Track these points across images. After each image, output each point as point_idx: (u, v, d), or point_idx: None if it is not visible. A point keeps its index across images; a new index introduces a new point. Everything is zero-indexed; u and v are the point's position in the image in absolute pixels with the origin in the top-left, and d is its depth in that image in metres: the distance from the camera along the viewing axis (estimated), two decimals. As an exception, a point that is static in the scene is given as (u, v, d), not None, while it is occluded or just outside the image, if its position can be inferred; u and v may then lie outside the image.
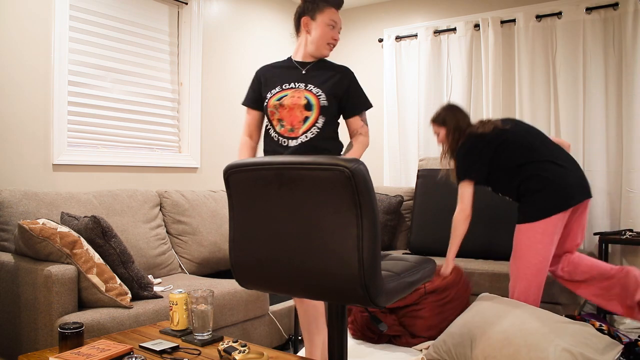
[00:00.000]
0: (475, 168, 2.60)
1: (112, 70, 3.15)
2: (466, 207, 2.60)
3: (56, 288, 1.98)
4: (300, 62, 2.22)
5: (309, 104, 2.12)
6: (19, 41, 2.67)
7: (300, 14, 2.21)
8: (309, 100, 2.12)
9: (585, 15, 3.60)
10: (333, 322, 1.66)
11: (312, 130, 2.12)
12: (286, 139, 2.12)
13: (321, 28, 2.16)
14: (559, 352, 2.05)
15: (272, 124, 2.17)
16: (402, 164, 4.39)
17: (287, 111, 2.12)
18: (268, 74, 2.23)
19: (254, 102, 2.26)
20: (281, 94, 2.14)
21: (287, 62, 2.26)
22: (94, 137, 3.07)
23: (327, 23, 2.16)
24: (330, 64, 2.24)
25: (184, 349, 1.67)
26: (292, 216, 1.48)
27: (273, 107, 2.14)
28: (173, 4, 3.53)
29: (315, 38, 2.17)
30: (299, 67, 2.21)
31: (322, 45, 2.18)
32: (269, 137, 2.19)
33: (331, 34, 2.18)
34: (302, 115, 2.12)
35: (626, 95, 3.47)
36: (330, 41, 2.19)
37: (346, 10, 4.77)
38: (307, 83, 2.15)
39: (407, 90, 4.37)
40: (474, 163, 2.61)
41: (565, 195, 2.46)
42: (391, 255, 1.88)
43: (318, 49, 2.19)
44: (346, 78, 2.20)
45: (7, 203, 2.38)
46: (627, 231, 3.28)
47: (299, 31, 2.23)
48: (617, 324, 3.34)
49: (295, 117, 2.12)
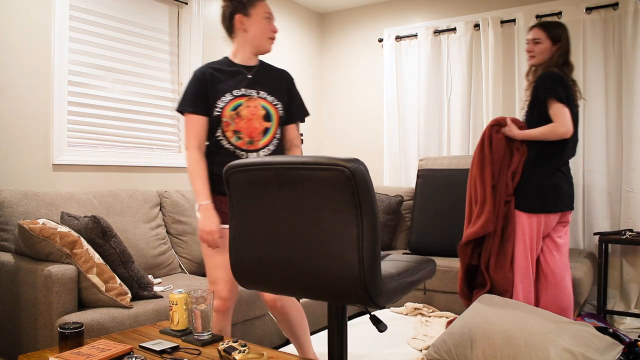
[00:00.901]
0: (562, 93, 2.47)
1: (112, 70, 3.15)
2: (567, 124, 2.45)
3: (56, 288, 1.97)
4: (243, 66, 2.08)
5: (268, 115, 2.04)
6: (19, 41, 2.67)
7: (231, 14, 2.06)
8: (267, 110, 2.04)
9: (585, 15, 3.60)
10: (333, 322, 1.66)
11: (273, 142, 2.06)
12: (244, 152, 2.01)
13: (258, 23, 2.04)
14: (560, 352, 2.04)
15: (224, 135, 2.00)
16: (402, 164, 4.39)
17: (244, 122, 2.00)
18: (212, 78, 2.03)
19: (201, 107, 2.01)
20: (235, 102, 2.00)
21: (228, 64, 2.08)
22: (94, 137, 3.07)
23: (264, 16, 2.04)
24: (273, 67, 2.17)
25: (184, 349, 1.67)
26: (292, 216, 1.48)
27: (229, 117, 1.99)
28: (173, 4, 3.53)
29: (255, 35, 2.04)
30: (244, 70, 2.07)
31: (263, 40, 2.06)
32: (219, 147, 2.02)
33: (270, 27, 2.07)
34: (261, 126, 2.02)
35: (626, 95, 3.47)
36: (271, 34, 2.07)
37: (346, 10, 4.77)
38: (258, 90, 2.05)
39: (407, 90, 4.37)
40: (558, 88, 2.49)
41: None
42: (391, 255, 1.88)
43: (260, 46, 2.07)
44: (289, 83, 2.15)
45: (7, 203, 2.38)
46: (627, 231, 3.28)
47: (233, 32, 2.08)
48: (617, 323, 3.34)
49: (254, 128, 2.01)
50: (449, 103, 4.18)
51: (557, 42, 2.60)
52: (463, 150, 4.09)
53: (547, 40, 2.61)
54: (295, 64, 4.60)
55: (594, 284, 3.38)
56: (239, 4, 2.04)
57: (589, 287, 3.16)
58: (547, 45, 2.61)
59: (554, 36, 2.60)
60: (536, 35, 2.64)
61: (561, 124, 2.46)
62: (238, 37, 2.07)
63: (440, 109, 4.23)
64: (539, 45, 2.62)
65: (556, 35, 2.61)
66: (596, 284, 3.37)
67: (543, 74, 2.55)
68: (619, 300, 3.48)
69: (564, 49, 2.60)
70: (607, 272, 3.39)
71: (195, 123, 2.01)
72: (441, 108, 4.23)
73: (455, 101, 4.15)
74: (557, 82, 2.49)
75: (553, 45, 2.60)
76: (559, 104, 2.46)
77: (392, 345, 2.81)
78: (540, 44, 2.62)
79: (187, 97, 2.03)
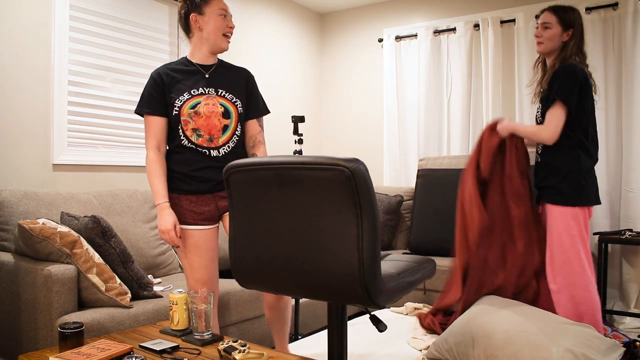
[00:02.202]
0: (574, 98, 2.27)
1: (112, 70, 3.15)
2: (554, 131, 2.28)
3: (56, 288, 1.98)
4: (201, 65, 2.09)
5: (227, 112, 2.05)
6: (19, 41, 2.67)
7: (186, 14, 2.05)
8: (226, 107, 2.05)
9: (585, 15, 3.60)
10: (333, 322, 1.66)
11: (233, 139, 2.08)
12: (206, 149, 2.03)
13: (213, 20, 2.03)
14: (562, 353, 2.05)
15: (184, 134, 2.02)
16: (402, 164, 4.39)
17: (203, 120, 2.01)
18: (169, 79, 2.04)
19: (159, 108, 2.03)
20: (193, 100, 2.02)
21: (186, 64, 2.09)
22: (94, 137, 3.06)
23: (218, 13, 2.03)
24: (231, 65, 2.18)
25: (184, 349, 1.67)
26: (291, 216, 1.48)
27: (187, 115, 2.00)
28: (173, 4, 3.53)
29: (210, 33, 2.04)
30: (201, 70, 2.08)
31: (218, 38, 2.05)
32: (180, 146, 2.05)
33: (225, 24, 2.05)
34: (220, 123, 2.04)
35: (626, 95, 3.47)
36: (226, 31, 2.06)
37: (346, 10, 4.77)
38: (217, 88, 2.06)
39: (407, 90, 4.37)
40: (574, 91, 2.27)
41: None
42: (391, 255, 1.88)
43: (215, 44, 2.06)
44: (248, 80, 2.16)
45: (7, 203, 2.38)
46: (627, 231, 3.28)
47: (190, 32, 2.08)
48: (616, 323, 3.35)
49: (213, 125, 2.03)
50: (449, 103, 4.18)
51: (568, 27, 2.36)
52: (463, 150, 4.09)
53: (557, 25, 2.36)
54: (295, 64, 4.60)
55: (594, 284, 3.37)
56: (192, 3, 2.04)
57: (589, 287, 3.16)
58: (557, 31, 2.36)
59: (566, 21, 2.35)
60: (546, 19, 2.40)
61: (551, 129, 2.31)
62: (195, 36, 2.08)
63: (440, 109, 4.23)
64: (548, 31, 2.38)
65: (568, 20, 2.36)
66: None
67: (562, 69, 2.33)
68: (619, 300, 3.48)
69: (578, 37, 2.36)
70: (606, 272, 3.39)
71: (153, 124, 2.04)
72: (441, 108, 4.23)
73: (455, 101, 4.15)
74: (576, 82, 2.29)
75: (564, 32, 2.36)
76: (562, 110, 2.29)
77: (392, 345, 2.81)
78: (550, 29, 2.37)
79: (144, 99, 2.05)
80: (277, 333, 2.23)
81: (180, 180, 2.05)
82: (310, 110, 4.73)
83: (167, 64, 2.11)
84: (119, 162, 3.14)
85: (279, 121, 4.11)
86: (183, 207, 2.05)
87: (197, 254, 2.06)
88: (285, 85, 4.48)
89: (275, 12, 4.38)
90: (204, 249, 2.07)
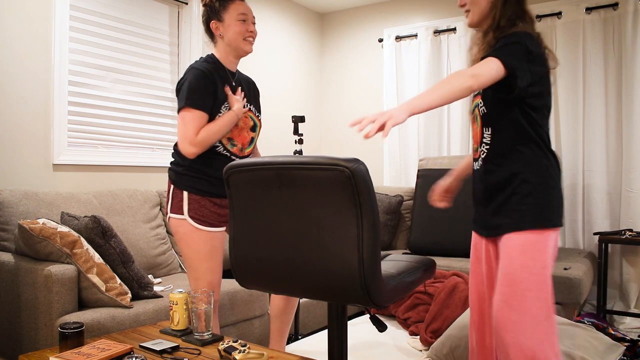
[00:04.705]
0: (524, 67, 1.47)
1: (112, 70, 3.15)
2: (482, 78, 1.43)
3: (56, 288, 1.98)
4: (229, 71, 2.12)
5: (255, 126, 2.15)
6: (19, 41, 2.67)
7: (207, 21, 2.06)
8: (254, 122, 2.15)
9: (585, 15, 3.60)
10: (333, 322, 1.66)
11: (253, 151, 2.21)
12: (237, 158, 2.07)
13: (232, 26, 2.02)
14: (559, 353, 2.04)
15: (221, 142, 2.03)
16: (402, 164, 4.39)
17: (238, 131, 2.07)
18: (216, 80, 2.03)
19: (209, 106, 1.98)
20: None
21: (220, 66, 2.07)
22: (94, 137, 3.07)
23: (237, 19, 2.03)
24: (244, 75, 2.23)
25: (184, 349, 1.68)
26: (292, 216, 1.48)
27: None
28: (173, 4, 3.53)
29: (231, 38, 2.04)
30: (230, 76, 2.10)
31: (239, 42, 2.05)
32: (214, 152, 2.02)
33: (245, 27, 2.04)
34: (249, 136, 2.12)
35: (626, 95, 3.47)
36: (247, 35, 2.06)
37: (346, 10, 4.77)
38: (248, 103, 2.15)
39: (407, 90, 4.37)
40: (521, 60, 1.48)
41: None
42: (391, 255, 1.88)
43: (238, 48, 2.06)
44: (257, 92, 2.26)
45: (7, 203, 2.39)
46: (627, 231, 3.28)
47: (214, 38, 2.09)
48: (617, 323, 3.35)
49: (244, 137, 2.10)
50: (449, 103, 4.18)
51: None
52: (463, 150, 4.09)
53: None
54: (295, 64, 4.60)
55: (594, 284, 3.37)
56: (212, 10, 2.05)
57: (589, 287, 3.16)
58: None
59: None
60: None
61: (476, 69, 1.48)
62: (218, 42, 2.09)
63: (440, 109, 4.23)
64: None
65: None
66: (596, 283, 3.37)
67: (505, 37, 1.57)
68: (619, 300, 3.48)
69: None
70: (606, 272, 3.39)
71: (203, 119, 1.96)
72: (441, 108, 4.23)
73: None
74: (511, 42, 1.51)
75: None
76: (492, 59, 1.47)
77: (392, 345, 2.81)
78: None
79: (197, 94, 1.96)
80: (277, 332, 2.23)
81: (209, 182, 2.02)
82: (310, 110, 4.73)
83: (206, 62, 2.05)
84: (119, 162, 3.14)
85: (279, 121, 4.11)
86: (208, 209, 2.02)
87: (217, 255, 2.04)
88: (285, 85, 4.48)
89: (276, 12, 4.38)
90: (220, 250, 2.07)
